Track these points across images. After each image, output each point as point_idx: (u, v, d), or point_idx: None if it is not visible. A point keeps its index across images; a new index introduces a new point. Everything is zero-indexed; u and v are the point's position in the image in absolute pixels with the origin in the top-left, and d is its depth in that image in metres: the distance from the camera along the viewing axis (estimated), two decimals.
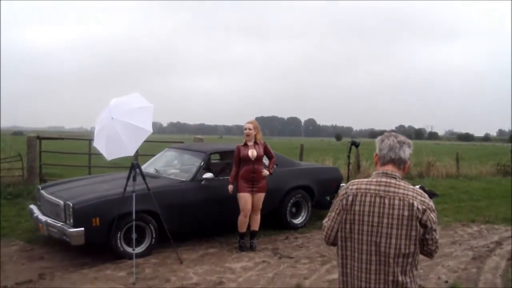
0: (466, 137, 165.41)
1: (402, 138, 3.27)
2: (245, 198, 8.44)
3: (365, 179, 3.27)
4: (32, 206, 8.96)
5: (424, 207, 3.06)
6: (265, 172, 8.57)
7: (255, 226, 8.73)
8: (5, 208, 11.43)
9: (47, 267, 7.43)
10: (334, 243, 3.34)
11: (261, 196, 8.56)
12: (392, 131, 3.50)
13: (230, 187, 8.46)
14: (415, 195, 3.09)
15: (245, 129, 8.48)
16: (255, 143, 8.50)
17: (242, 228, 8.60)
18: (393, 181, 3.16)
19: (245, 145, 8.47)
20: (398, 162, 3.22)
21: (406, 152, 3.24)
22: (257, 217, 8.70)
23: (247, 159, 8.39)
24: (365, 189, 3.18)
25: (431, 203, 3.13)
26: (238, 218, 8.55)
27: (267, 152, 8.73)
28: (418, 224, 3.04)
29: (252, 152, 8.38)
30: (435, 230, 3.15)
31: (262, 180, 8.52)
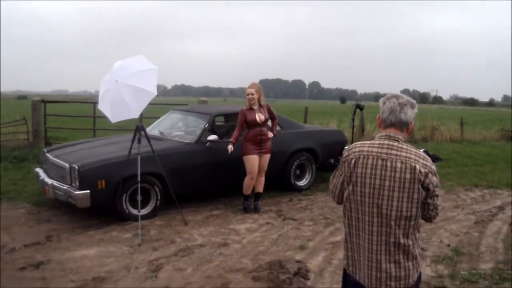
0: (471, 102, 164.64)
1: (404, 99, 3.23)
2: (253, 161, 8.46)
3: (368, 142, 3.27)
4: (38, 169, 9.02)
5: (426, 170, 3.05)
6: (270, 134, 8.62)
7: (260, 188, 8.78)
8: (11, 172, 11.52)
9: (54, 229, 7.51)
10: (340, 201, 3.37)
11: (267, 157, 8.60)
12: None
13: (230, 147, 8.42)
14: (418, 158, 3.09)
15: (248, 94, 8.48)
16: (260, 105, 8.51)
17: (247, 190, 8.65)
18: (395, 143, 3.15)
19: (251, 109, 8.48)
20: (400, 125, 3.21)
21: (408, 114, 3.21)
22: (262, 179, 8.74)
23: (254, 123, 8.40)
24: (367, 151, 3.18)
25: (434, 167, 3.12)
26: (244, 180, 8.59)
27: (271, 114, 8.75)
28: (420, 187, 3.04)
29: (259, 116, 8.38)
30: (436, 196, 3.15)
31: (267, 141, 8.56)
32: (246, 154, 8.48)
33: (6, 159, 12.71)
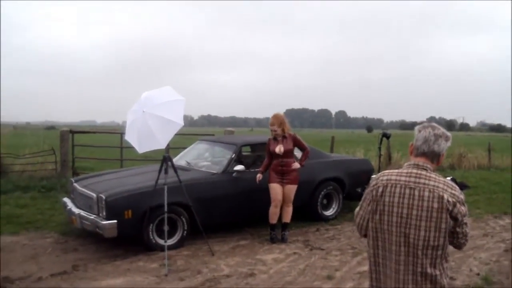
0: (498, 128, 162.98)
1: (440, 131, 3.22)
2: (275, 189, 8.46)
3: (396, 170, 3.26)
4: (66, 199, 9.07)
5: (454, 200, 3.03)
6: (295, 165, 8.56)
7: (287, 218, 8.72)
8: (39, 201, 11.59)
9: (81, 259, 7.53)
10: (366, 234, 3.34)
11: (291, 188, 8.55)
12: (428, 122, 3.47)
13: (259, 175, 8.51)
14: (446, 187, 3.07)
15: (271, 130, 8.53)
16: (283, 136, 8.50)
17: (273, 219, 8.61)
18: (423, 172, 3.14)
19: (275, 138, 8.49)
20: (431, 155, 3.20)
21: (441, 146, 3.20)
22: (289, 209, 8.69)
23: (275, 153, 8.42)
24: (395, 180, 3.17)
25: (462, 196, 3.10)
26: (269, 209, 8.57)
27: (298, 144, 8.70)
28: (448, 217, 3.02)
29: (279, 148, 8.38)
30: (465, 224, 3.13)
31: (292, 172, 8.51)
32: (269, 182, 8.51)
33: (34, 189, 12.81)
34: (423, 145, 3.19)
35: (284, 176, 8.45)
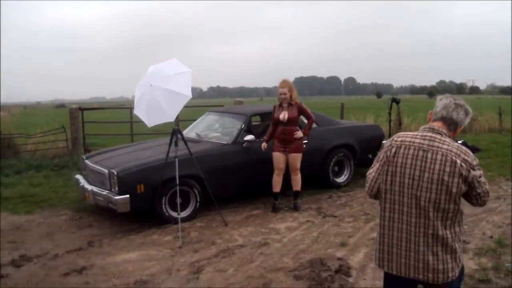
0: (509, 91, 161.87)
1: (461, 102, 3.23)
2: (277, 157, 8.47)
3: (411, 133, 3.27)
4: (78, 176, 9.12)
5: (466, 165, 3.04)
6: (299, 133, 8.46)
7: (297, 186, 8.72)
8: (52, 179, 11.67)
9: (95, 235, 7.59)
10: (376, 196, 3.34)
11: (295, 156, 8.51)
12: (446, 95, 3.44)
13: (264, 144, 8.52)
14: (459, 152, 3.07)
15: (280, 94, 8.43)
16: (289, 104, 8.47)
17: (276, 187, 8.63)
18: (438, 136, 3.14)
19: (280, 105, 8.47)
20: (449, 122, 3.20)
21: (460, 115, 3.21)
22: (297, 177, 8.67)
23: (278, 121, 8.40)
24: (410, 142, 3.18)
25: (475, 162, 3.10)
26: (272, 177, 8.62)
27: (303, 112, 8.62)
28: (460, 181, 3.02)
29: (284, 115, 8.34)
30: (484, 182, 3.14)
31: (295, 141, 8.46)
32: (273, 151, 8.52)
33: (47, 167, 12.89)
34: (442, 111, 3.20)
35: (287, 145, 8.42)
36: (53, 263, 6.39)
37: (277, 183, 8.60)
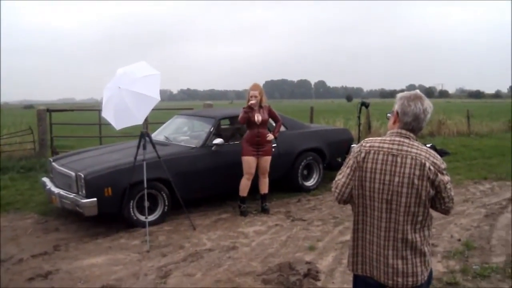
0: (477, 95, 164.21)
1: (426, 103, 3.16)
2: (249, 162, 8.43)
3: (379, 138, 3.25)
4: (45, 179, 9.00)
5: (435, 168, 3.04)
6: (270, 136, 8.53)
7: (265, 189, 8.75)
8: (18, 182, 11.50)
9: (62, 239, 7.49)
10: (346, 201, 3.33)
11: (267, 159, 8.54)
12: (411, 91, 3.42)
13: (257, 115, 8.39)
14: (428, 155, 3.07)
15: (251, 96, 8.41)
16: (260, 106, 8.45)
17: (244, 191, 8.62)
18: (406, 140, 3.13)
19: (250, 108, 8.44)
20: (417, 130, 3.19)
21: (427, 120, 3.22)
22: (266, 180, 8.71)
23: (252, 123, 8.36)
24: (378, 147, 3.16)
25: (443, 165, 3.11)
26: (241, 181, 8.58)
27: (272, 116, 8.69)
28: (428, 185, 3.03)
29: (257, 117, 8.33)
30: (450, 189, 3.14)
31: (267, 143, 8.49)
32: (243, 155, 8.47)
33: (13, 169, 12.71)
34: (413, 122, 3.16)
35: (260, 148, 8.42)
36: (17, 268, 6.29)
37: (246, 187, 8.58)
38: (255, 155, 8.42)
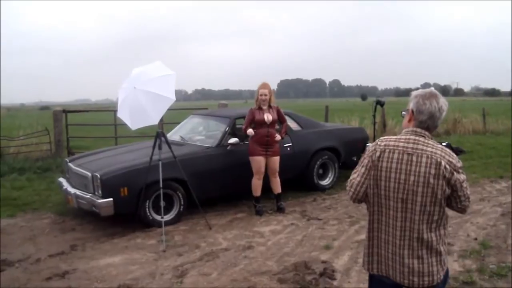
0: (493, 93, 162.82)
1: (441, 101, 3.13)
2: (259, 162, 8.44)
3: (394, 136, 3.23)
4: (61, 179, 9.06)
5: (451, 167, 3.02)
6: (278, 136, 8.54)
7: (277, 189, 8.75)
8: (36, 182, 11.57)
9: (79, 238, 7.53)
10: (360, 200, 3.32)
11: (276, 160, 8.55)
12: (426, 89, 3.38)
13: (250, 130, 8.41)
14: (444, 154, 3.05)
15: (261, 95, 8.42)
16: (269, 106, 8.47)
17: (257, 191, 8.62)
18: (421, 139, 3.11)
19: (259, 108, 8.44)
20: (433, 128, 3.18)
21: (442, 118, 3.19)
22: (276, 180, 8.70)
23: (262, 123, 8.36)
24: (393, 145, 3.15)
25: (459, 164, 3.08)
26: (252, 181, 8.59)
27: (280, 116, 8.70)
28: (444, 184, 3.01)
29: (267, 116, 8.34)
30: (466, 187, 3.12)
31: (275, 144, 8.50)
32: (252, 155, 8.48)
33: (30, 170, 12.78)
34: (429, 120, 3.13)
35: (268, 148, 8.42)
36: (35, 268, 6.33)
37: (258, 187, 8.59)
38: (264, 155, 8.43)
